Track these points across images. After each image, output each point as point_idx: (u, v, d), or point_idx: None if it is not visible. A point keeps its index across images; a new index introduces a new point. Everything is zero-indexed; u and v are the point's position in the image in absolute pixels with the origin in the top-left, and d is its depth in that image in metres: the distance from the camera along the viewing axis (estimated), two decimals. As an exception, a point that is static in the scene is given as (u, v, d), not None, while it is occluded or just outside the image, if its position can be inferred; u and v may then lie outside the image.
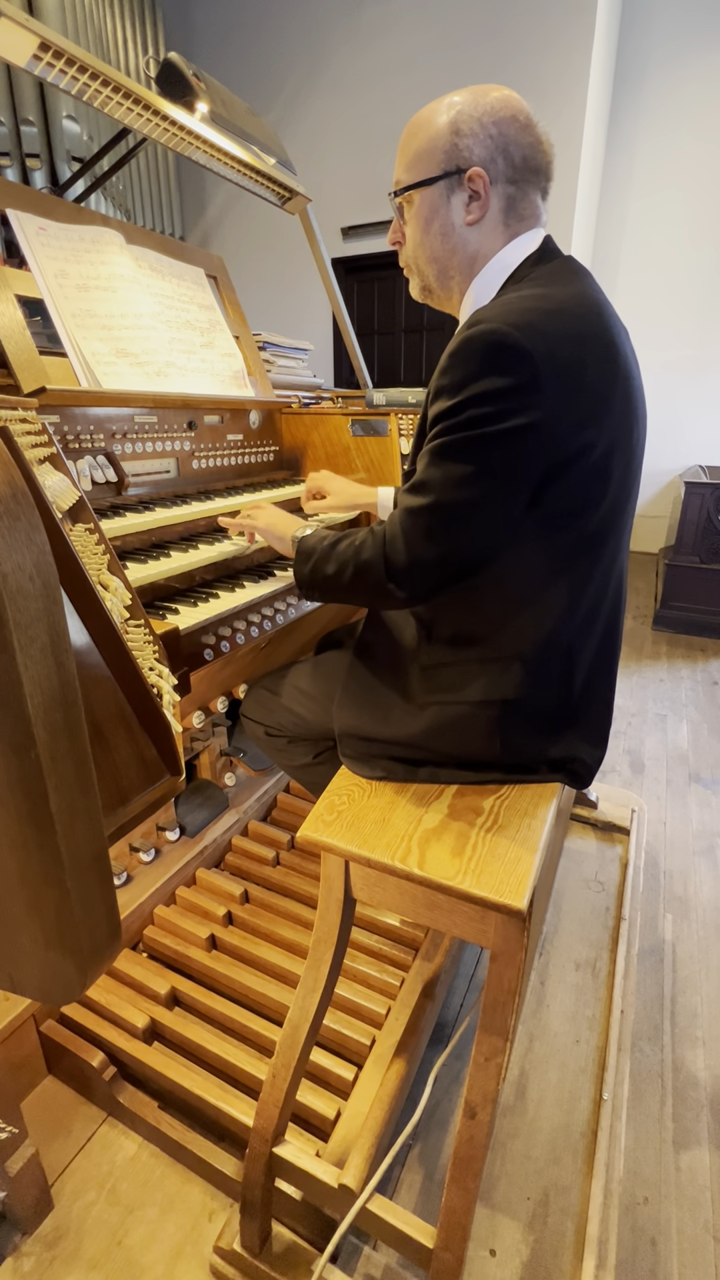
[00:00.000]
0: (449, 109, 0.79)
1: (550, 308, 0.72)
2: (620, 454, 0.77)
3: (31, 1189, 0.90)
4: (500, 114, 0.77)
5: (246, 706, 1.19)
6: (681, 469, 4.21)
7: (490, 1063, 0.71)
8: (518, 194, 0.80)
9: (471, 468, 0.72)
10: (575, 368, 0.71)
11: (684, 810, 1.92)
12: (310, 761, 1.15)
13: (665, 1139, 1.06)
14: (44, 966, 0.58)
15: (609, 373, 0.74)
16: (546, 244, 0.82)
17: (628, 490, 0.81)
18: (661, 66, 3.85)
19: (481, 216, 0.80)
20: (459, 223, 0.81)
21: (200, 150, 1.48)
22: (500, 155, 0.78)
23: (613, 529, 0.80)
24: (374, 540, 0.81)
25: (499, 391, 0.69)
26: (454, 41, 3.69)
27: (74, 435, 1.11)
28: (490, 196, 0.79)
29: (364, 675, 0.94)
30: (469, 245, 0.82)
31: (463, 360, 0.71)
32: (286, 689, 1.13)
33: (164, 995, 1.14)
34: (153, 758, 0.73)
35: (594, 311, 0.75)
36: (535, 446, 0.71)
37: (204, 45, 4.47)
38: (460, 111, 0.78)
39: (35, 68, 1.12)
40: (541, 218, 0.83)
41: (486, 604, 0.81)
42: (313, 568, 0.89)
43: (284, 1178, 0.87)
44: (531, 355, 0.68)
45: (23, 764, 0.50)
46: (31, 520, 0.48)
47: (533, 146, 0.79)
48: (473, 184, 0.78)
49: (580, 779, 0.87)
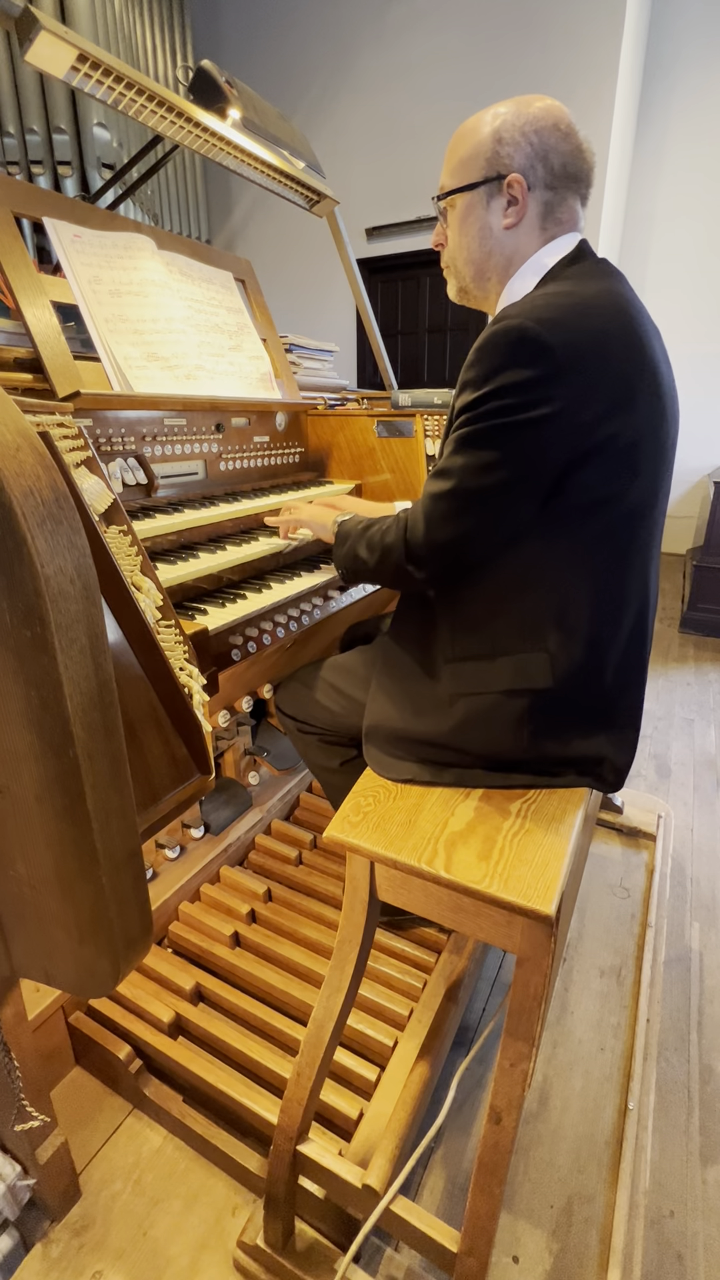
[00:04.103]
0: (494, 119, 0.81)
1: (574, 303, 0.74)
2: (647, 448, 0.78)
3: (61, 1177, 0.92)
4: (541, 123, 0.80)
5: (280, 699, 1.20)
6: (710, 468, 4.13)
7: (515, 1068, 0.70)
8: (555, 199, 0.83)
9: (493, 455, 0.75)
10: (597, 360, 0.72)
11: (712, 817, 1.89)
12: (336, 766, 1.16)
13: (691, 1151, 1.04)
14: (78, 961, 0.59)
15: (634, 367, 0.75)
16: (581, 247, 0.84)
17: (657, 486, 0.82)
18: (692, 60, 3.78)
19: (519, 221, 0.83)
20: (497, 226, 0.84)
21: (231, 156, 1.49)
22: (540, 162, 0.81)
23: (642, 523, 0.81)
24: (398, 524, 0.87)
25: (522, 383, 0.72)
26: (480, 39, 3.67)
27: (106, 438, 1.13)
28: (528, 201, 0.82)
29: (395, 670, 0.95)
30: (505, 248, 0.85)
31: (488, 354, 0.74)
32: (320, 683, 1.14)
33: (189, 991, 1.15)
34: (183, 756, 0.74)
35: (620, 308, 0.76)
36: (556, 436, 0.73)
37: (231, 50, 4.52)
38: (504, 121, 0.81)
39: (73, 79, 1.14)
40: (579, 223, 0.86)
41: (512, 595, 0.82)
42: (348, 551, 0.95)
43: (308, 1176, 0.88)
44: (553, 348, 0.70)
45: (61, 762, 0.51)
46: (73, 524, 0.49)
47: (572, 154, 0.81)
48: (511, 189, 0.82)
49: (608, 783, 0.86)
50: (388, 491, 1.65)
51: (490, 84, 3.68)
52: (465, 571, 0.84)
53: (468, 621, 0.87)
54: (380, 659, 0.99)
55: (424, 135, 3.97)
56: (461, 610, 0.87)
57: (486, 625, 0.85)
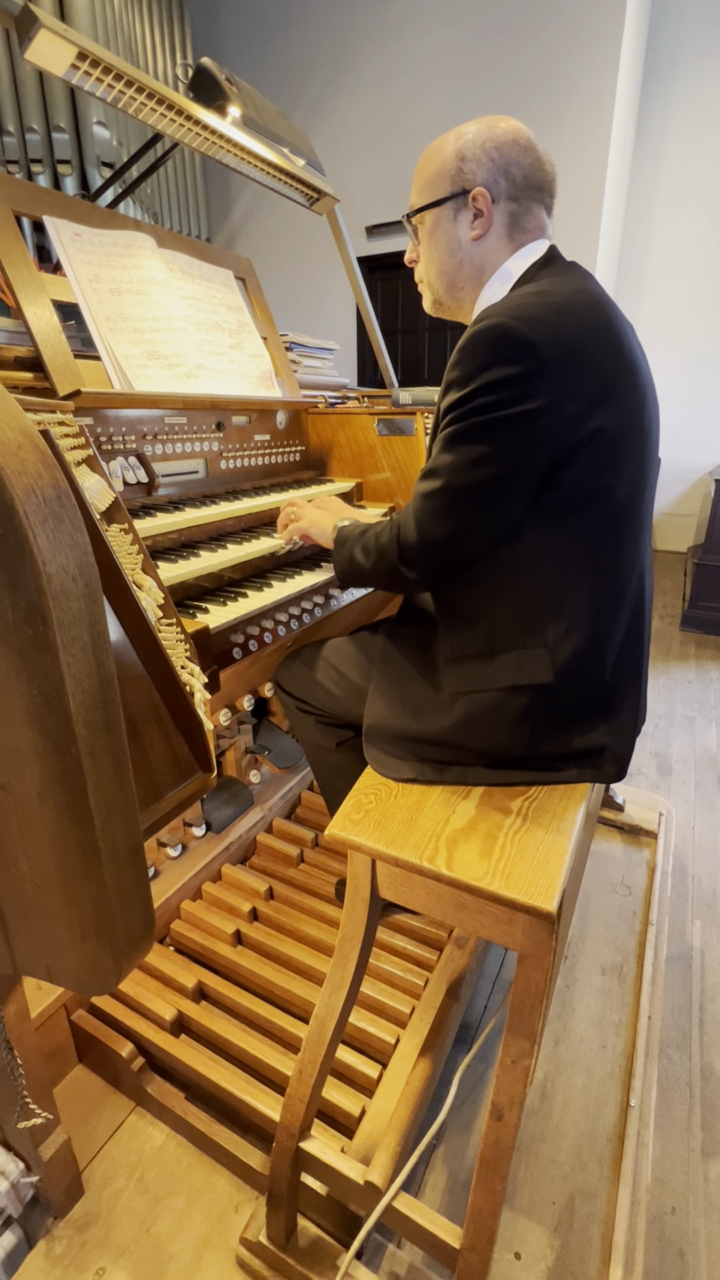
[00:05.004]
0: (457, 139, 0.85)
1: (553, 301, 0.76)
2: (633, 436, 0.79)
3: (64, 1174, 0.93)
4: (502, 140, 0.83)
5: (281, 676, 1.20)
6: (711, 466, 4.12)
7: (517, 1065, 0.70)
8: (520, 210, 0.86)
9: (481, 451, 0.76)
10: (579, 353, 0.74)
11: (713, 814, 1.89)
12: (333, 747, 1.15)
13: (693, 1148, 1.05)
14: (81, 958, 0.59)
15: (614, 360, 0.77)
16: (551, 252, 0.87)
17: (644, 476, 0.83)
18: (693, 54, 3.76)
19: (485, 232, 0.86)
20: (465, 238, 0.87)
21: (231, 153, 1.49)
22: (502, 176, 0.84)
23: (633, 513, 0.82)
24: (390, 525, 0.88)
25: (505, 380, 0.73)
26: (480, 37, 3.66)
27: (107, 437, 1.13)
28: (493, 213, 0.85)
29: (395, 669, 0.96)
30: (475, 258, 0.88)
31: (470, 353, 0.75)
32: (321, 664, 1.14)
33: (191, 989, 1.15)
34: (185, 755, 0.74)
35: (595, 304, 0.78)
36: (543, 431, 0.74)
37: (231, 47, 4.51)
38: (466, 141, 0.84)
39: (73, 77, 1.14)
40: (546, 230, 0.89)
41: (508, 592, 0.83)
42: (346, 555, 0.96)
43: (310, 1173, 0.88)
44: (535, 344, 0.72)
45: (63, 760, 0.51)
46: (74, 522, 0.49)
47: (533, 167, 0.84)
48: (476, 203, 0.85)
49: (609, 774, 0.86)
50: (388, 489, 1.65)
51: (491, 80, 3.67)
52: (459, 570, 0.84)
53: (465, 620, 0.87)
54: (379, 660, 0.99)
55: (425, 133, 3.96)
56: (459, 609, 0.87)
57: (484, 623, 0.85)
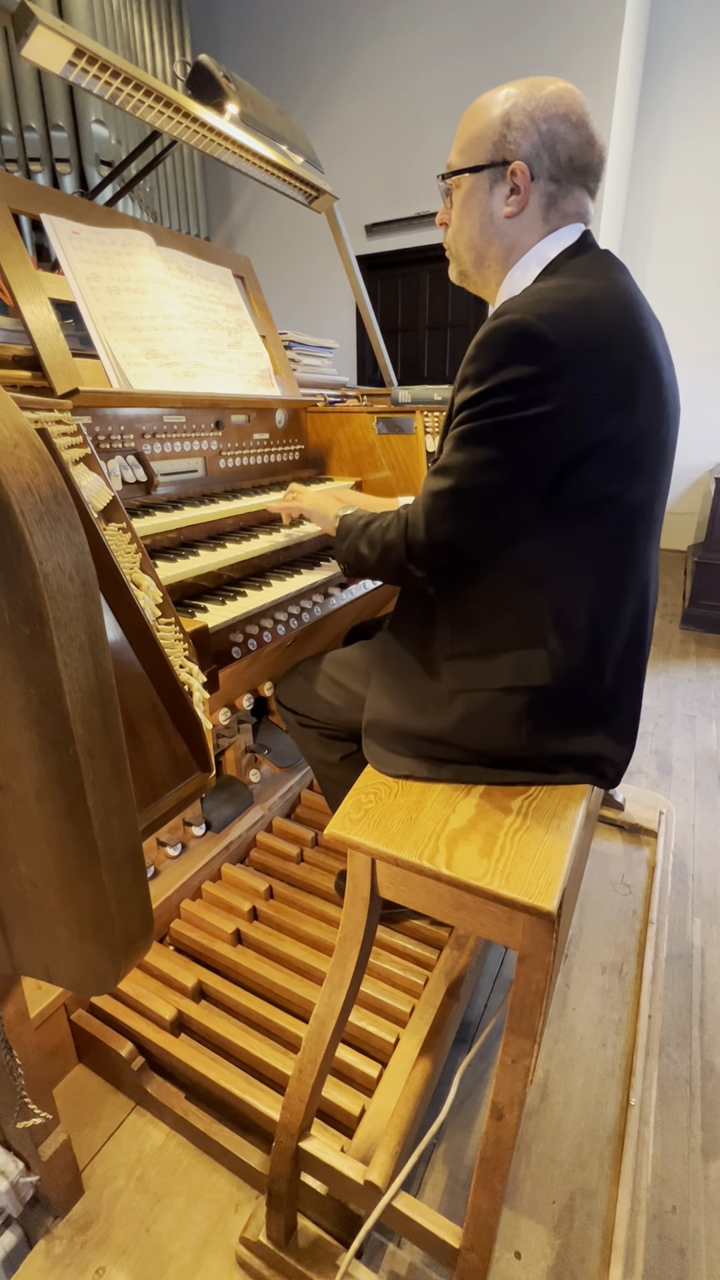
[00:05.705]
0: (505, 99, 0.79)
1: (576, 298, 0.73)
2: (649, 445, 0.77)
3: (63, 1174, 0.93)
4: (552, 110, 0.77)
5: (281, 692, 1.20)
6: (711, 464, 4.12)
7: (517, 1065, 0.70)
8: (560, 192, 0.81)
9: (493, 453, 0.74)
10: (599, 355, 0.71)
11: (713, 813, 1.88)
12: (336, 760, 1.15)
13: (693, 1147, 1.05)
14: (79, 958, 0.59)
15: (636, 362, 0.74)
16: (584, 238, 0.82)
17: (657, 485, 0.81)
18: (693, 53, 3.76)
19: (519, 210, 0.81)
20: (497, 214, 0.82)
21: (230, 151, 1.49)
22: (546, 152, 0.78)
23: (641, 522, 0.80)
24: (398, 521, 0.86)
25: (522, 380, 0.71)
26: (480, 34, 3.65)
27: (105, 436, 1.13)
28: (530, 192, 0.80)
29: (395, 666, 0.95)
30: (505, 237, 0.84)
31: (488, 350, 0.73)
32: (321, 677, 1.14)
33: (190, 988, 1.15)
34: (184, 754, 0.74)
35: (622, 302, 0.75)
36: (556, 434, 0.72)
37: (229, 45, 4.50)
38: (514, 104, 0.78)
39: (70, 74, 1.14)
40: (587, 214, 0.83)
41: (512, 593, 0.82)
42: (349, 546, 0.95)
43: (310, 1172, 0.88)
44: (554, 344, 0.69)
45: (61, 760, 0.51)
46: (71, 521, 0.49)
47: (581, 146, 0.79)
48: (515, 177, 0.79)
49: (607, 779, 0.86)
50: (388, 488, 1.65)
51: (490, 78, 3.62)
52: (465, 569, 0.83)
53: (468, 618, 0.86)
54: (380, 655, 0.99)
55: (424, 131, 3.96)
56: (462, 607, 0.87)
57: (486, 622, 0.84)
